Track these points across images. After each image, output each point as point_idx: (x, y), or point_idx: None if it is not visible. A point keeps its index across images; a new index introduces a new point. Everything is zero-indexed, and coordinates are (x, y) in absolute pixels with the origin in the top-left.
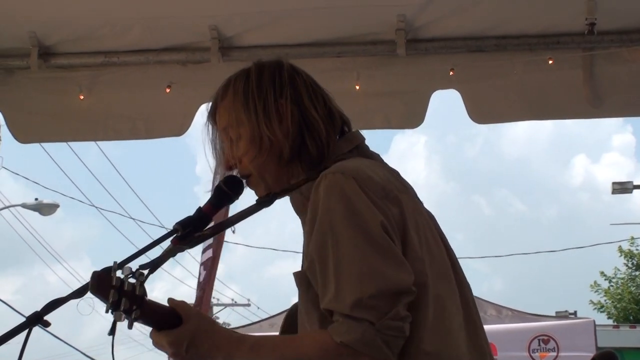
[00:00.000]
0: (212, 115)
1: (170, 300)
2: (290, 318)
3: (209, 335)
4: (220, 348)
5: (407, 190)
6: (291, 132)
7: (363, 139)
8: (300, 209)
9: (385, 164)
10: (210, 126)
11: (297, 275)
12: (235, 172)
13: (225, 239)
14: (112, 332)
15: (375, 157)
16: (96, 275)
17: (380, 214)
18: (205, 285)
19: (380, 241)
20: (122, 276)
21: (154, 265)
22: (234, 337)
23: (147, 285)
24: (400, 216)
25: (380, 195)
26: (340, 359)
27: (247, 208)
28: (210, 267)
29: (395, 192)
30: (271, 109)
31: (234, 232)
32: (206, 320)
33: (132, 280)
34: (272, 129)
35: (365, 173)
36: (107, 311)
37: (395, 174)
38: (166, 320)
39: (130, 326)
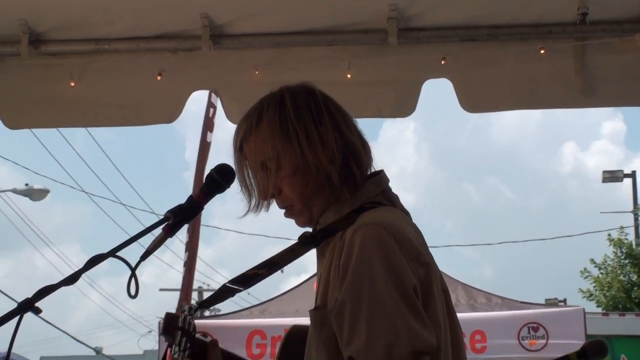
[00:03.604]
0: (241, 146)
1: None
2: (292, 343)
3: None
4: None
5: (428, 249)
6: (337, 159)
7: (388, 180)
8: (321, 245)
9: (407, 215)
10: (237, 156)
11: (312, 313)
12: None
13: (215, 224)
14: None
15: (396, 203)
16: (167, 318)
17: (414, 276)
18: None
19: (413, 301)
20: (184, 313)
21: (146, 252)
22: None
23: (137, 271)
24: (426, 279)
25: (412, 257)
26: None
27: (293, 248)
28: (190, 248)
29: (424, 255)
30: (313, 136)
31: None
32: None
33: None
34: (317, 156)
35: (403, 233)
36: (173, 353)
37: (417, 229)
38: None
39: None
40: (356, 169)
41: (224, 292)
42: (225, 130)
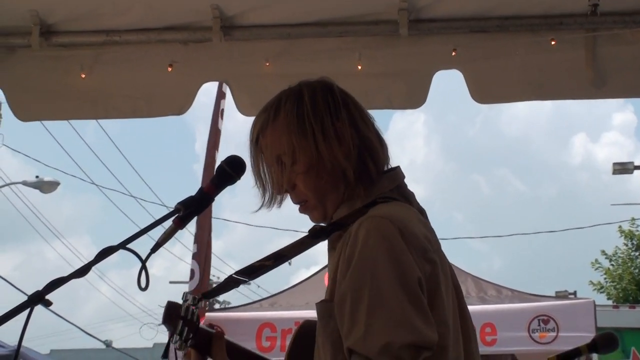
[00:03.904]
0: (257, 139)
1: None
2: (304, 338)
3: None
4: None
5: (439, 248)
6: (353, 155)
7: (403, 177)
8: (333, 238)
9: (418, 212)
10: (252, 149)
11: (319, 306)
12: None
13: (224, 217)
14: (165, 354)
15: (411, 199)
16: (169, 307)
17: (419, 270)
18: (200, 259)
19: (415, 295)
20: (187, 303)
21: (156, 245)
22: None
23: (147, 264)
24: (432, 277)
25: (419, 254)
26: None
27: (303, 241)
28: (203, 242)
29: (432, 253)
30: (330, 132)
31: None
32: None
33: (192, 309)
34: (333, 152)
35: (410, 227)
36: (174, 342)
37: (428, 226)
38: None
39: (184, 351)
40: (372, 166)
41: (229, 283)
42: (234, 121)
